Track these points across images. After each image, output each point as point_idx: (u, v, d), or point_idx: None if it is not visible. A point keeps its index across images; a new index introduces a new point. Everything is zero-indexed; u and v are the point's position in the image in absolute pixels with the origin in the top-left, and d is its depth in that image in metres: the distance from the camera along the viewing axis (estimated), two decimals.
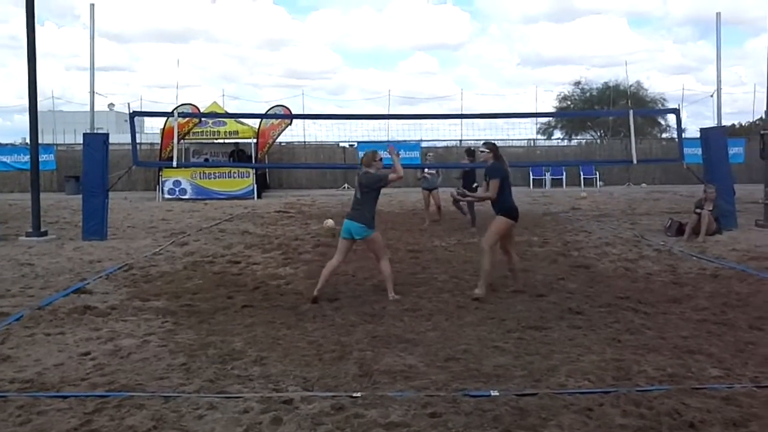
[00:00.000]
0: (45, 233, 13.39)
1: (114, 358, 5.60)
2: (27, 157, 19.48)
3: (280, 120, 26.15)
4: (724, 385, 4.84)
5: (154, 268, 9.90)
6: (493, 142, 8.32)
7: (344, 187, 29.22)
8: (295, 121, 30.51)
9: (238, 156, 27.05)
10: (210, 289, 8.35)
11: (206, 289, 8.39)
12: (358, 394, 4.66)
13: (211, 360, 5.52)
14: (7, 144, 33.06)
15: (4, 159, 29.00)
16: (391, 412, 4.35)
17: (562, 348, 5.79)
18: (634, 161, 14.92)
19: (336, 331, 6.38)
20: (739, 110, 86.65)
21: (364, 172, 7.88)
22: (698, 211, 12.72)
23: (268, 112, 24.63)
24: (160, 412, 4.38)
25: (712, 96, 21.38)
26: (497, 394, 4.66)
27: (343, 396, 4.65)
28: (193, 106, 25.54)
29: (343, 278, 9.01)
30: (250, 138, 25.91)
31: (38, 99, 13.97)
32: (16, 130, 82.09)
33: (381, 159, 8.06)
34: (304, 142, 31.87)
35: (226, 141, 27.14)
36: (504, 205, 7.94)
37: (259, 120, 25.36)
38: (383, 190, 8.08)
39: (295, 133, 32.77)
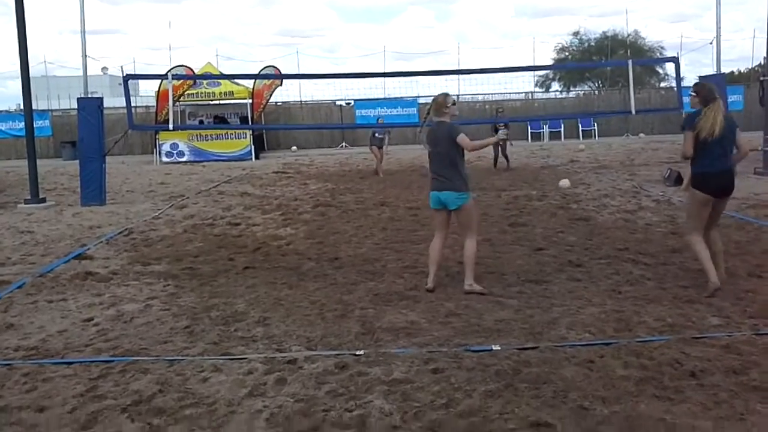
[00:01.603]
0: (43, 200, 13.37)
1: (117, 323, 5.63)
2: (22, 124, 19.34)
3: (271, 80, 25.95)
4: (723, 333, 4.88)
5: (154, 232, 9.90)
6: (703, 83, 6.41)
7: (342, 146, 29.09)
8: (291, 80, 30.30)
9: (220, 120, 26.95)
10: (211, 252, 8.36)
11: (207, 251, 8.40)
12: (361, 352, 4.69)
13: (214, 322, 5.55)
14: (1, 111, 32.82)
15: None
16: (394, 369, 4.39)
17: (563, 301, 5.82)
18: (633, 112, 14.83)
19: (337, 290, 6.41)
20: (738, 57, 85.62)
21: (437, 123, 6.27)
22: None
23: (261, 73, 24.41)
24: (165, 375, 4.42)
25: (711, 43, 21.09)
26: (498, 348, 4.69)
27: (346, 354, 4.68)
28: (187, 67, 25.25)
29: (344, 237, 9.01)
30: (245, 98, 25.71)
31: (31, 64, 13.84)
32: (10, 96, 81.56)
33: (455, 103, 6.40)
34: (301, 101, 31.60)
35: (222, 102, 26.91)
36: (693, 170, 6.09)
37: (253, 80, 25.12)
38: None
39: (291, 92, 32.54)
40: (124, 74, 14.03)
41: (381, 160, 17.50)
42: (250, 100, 25.44)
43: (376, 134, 17.64)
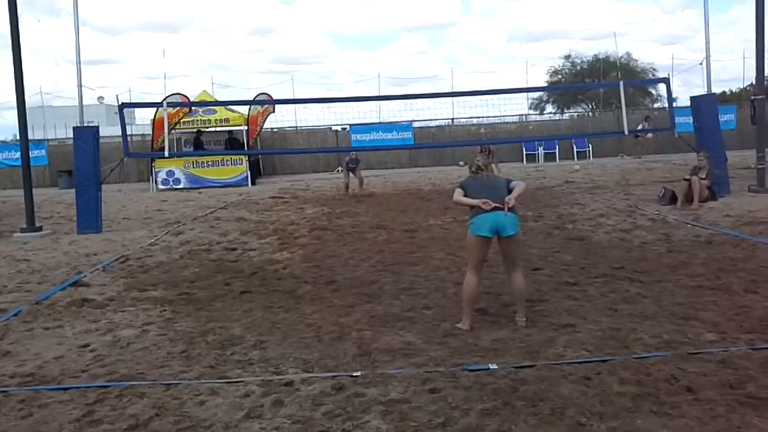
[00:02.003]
0: (39, 228, 13.35)
1: (113, 348, 5.63)
2: (18, 154, 19.39)
3: (265, 107, 26.10)
4: (719, 348, 4.89)
5: (151, 258, 9.90)
6: None
7: (338, 170, 29.17)
8: (286, 106, 30.45)
9: (231, 144, 26.91)
10: (207, 277, 8.36)
11: (203, 276, 8.40)
12: (358, 373, 4.69)
13: (211, 346, 5.55)
14: None
15: None
16: (391, 389, 4.39)
17: (559, 319, 5.84)
18: (626, 132, 14.94)
19: (334, 313, 6.41)
20: (730, 77, 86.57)
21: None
22: (686, 178, 12.77)
23: (254, 99, 24.58)
24: (162, 399, 4.41)
25: (701, 64, 21.35)
26: (496, 367, 4.70)
27: (343, 376, 4.68)
28: (183, 95, 25.37)
29: (340, 260, 9.03)
30: (241, 125, 25.82)
31: (27, 95, 13.90)
32: (7, 126, 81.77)
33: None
34: (296, 127, 31.71)
35: (218, 129, 27.00)
36: None
37: (248, 107, 25.26)
38: (378, 172, 7.78)
39: (286, 118, 32.65)
40: (120, 103, 14.11)
41: (360, 183, 18.41)
42: (246, 127, 25.55)
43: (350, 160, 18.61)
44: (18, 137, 15.19)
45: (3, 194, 23.58)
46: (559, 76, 45.39)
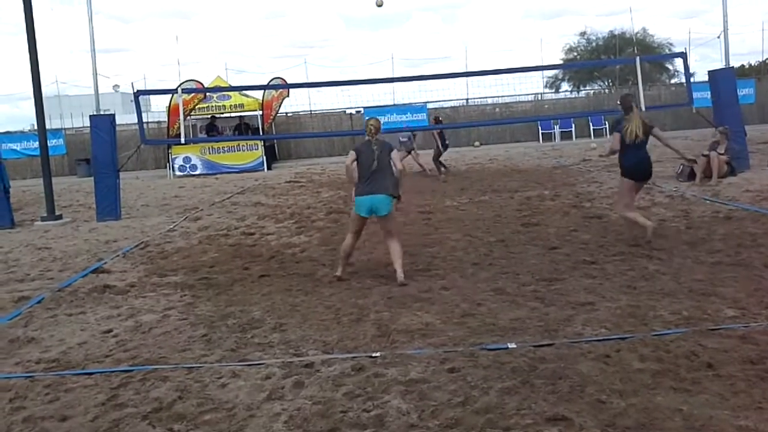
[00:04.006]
0: (60, 217, 13.50)
1: (136, 333, 5.70)
2: (36, 143, 19.55)
3: (279, 91, 26.07)
4: (740, 324, 4.87)
5: (170, 244, 9.98)
6: (626, 94, 8.15)
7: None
8: (300, 90, 30.37)
9: (241, 129, 26.93)
10: (226, 262, 8.43)
11: (222, 261, 8.47)
12: (377, 354, 4.72)
13: (231, 330, 5.60)
14: (15, 131, 33.17)
15: (14, 146, 29.07)
16: (411, 369, 4.42)
17: (578, 298, 5.83)
18: (643, 108, 14.75)
19: (352, 295, 6.45)
20: (749, 50, 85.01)
21: (379, 140, 6.97)
22: (705, 153, 12.65)
23: (269, 84, 24.55)
24: (184, 382, 4.47)
25: (719, 37, 21.01)
26: (515, 346, 4.71)
27: (363, 356, 4.72)
28: (197, 81, 25.46)
29: (358, 243, 9.04)
30: (255, 110, 25.85)
31: (43, 84, 14.02)
32: (24, 116, 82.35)
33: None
34: (310, 111, 31.71)
35: (232, 115, 27.04)
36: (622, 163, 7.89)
37: (262, 92, 25.27)
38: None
39: (300, 102, 32.65)
40: (135, 90, 14.17)
41: (418, 162, 17.98)
42: (261, 112, 25.58)
43: (402, 139, 17.98)
44: (36, 127, 15.30)
45: (23, 184, 23.82)
46: (575, 54, 45.03)
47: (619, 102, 7.99)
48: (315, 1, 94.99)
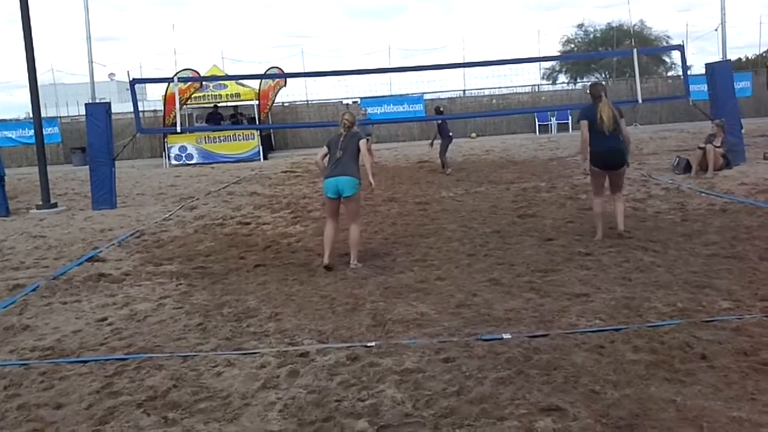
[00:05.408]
0: (55, 205, 13.47)
1: (131, 322, 5.70)
2: (32, 132, 19.46)
3: (276, 81, 25.99)
4: (734, 316, 4.88)
5: (165, 233, 9.97)
6: (596, 83, 7.98)
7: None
8: (296, 80, 30.24)
9: (238, 119, 26.82)
10: (222, 251, 8.42)
11: (218, 250, 8.46)
12: (373, 344, 4.73)
13: (227, 319, 5.61)
14: (11, 119, 33.02)
15: (9, 134, 28.93)
16: (406, 359, 4.43)
17: (573, 289, 5.84)
18: (639, 100, 14.76)
19: (348, 285, 6.45)
20: (746, 44, 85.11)
21: (351, 132, 7.45)
22: (701, 146, 12.67)
23: (265, 73, 24.46)
24: (179, 371, 4.48)
25: (716, 30, 21.02)
26: (509, 336, 4.72)
27: (358, 346, 4.73)
28: (193, 70, 25.31)
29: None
30: (251, 100, 25.76)
31: (38, 72, 13.95)
32: (19, 104, 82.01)
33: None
34: (307, 101, 31.63)
35: (229, 104, 26.94)
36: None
37: (259, 81, 25.18)
38: (390, 145, 7.79)
39: (297, 92, 32.59)
40: (131, 79, 14.10)
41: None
42: (257, 101, 25.50)
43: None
44: (31, 115, 15.23)
45: (18, 172, 23.74)
46: (572, 45, 44.98)
47: (588, 91, 7.95)
48: None
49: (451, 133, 16.72)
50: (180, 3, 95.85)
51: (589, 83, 8.19)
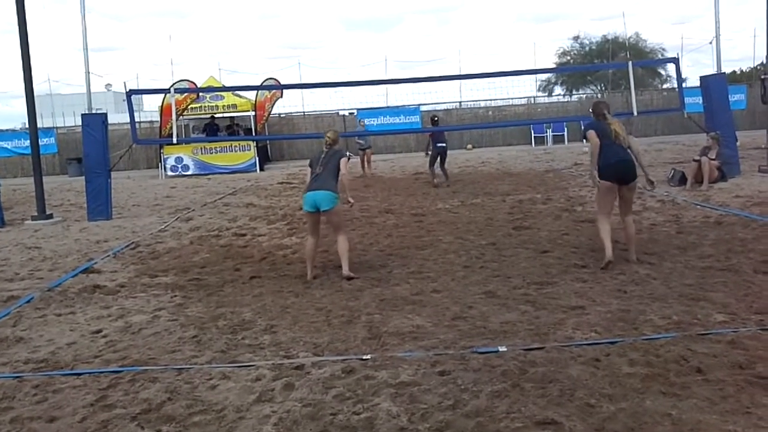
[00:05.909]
0: (50, 216, 13.44)
1: (125, 334, 5.67)
2: (28, 142, 19.45)
3: (273, 92, 26.04)
4: (729, 329, 4.89)
5: (161, 244, 9.95)
6: (598, 101, 7.75)
7: (347, 156, 29.15)
8: (293, 91, 30.33)
9: (234, 130, 26.82)
10: (217, 262, 8.41)
11: (213, 262, 8.45)
12: (368, 356, 4.72)
13: (222, 331, 5.59)
14: (6, 129, 32.96)
15: (5, 145, 28.92)
16: (401, 372, 4.41)
17: (568, 302, 5.84)
18: (635, 113, 14.84)
19: (344, 297, 6.44)
20: (741, 56, 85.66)
21: (333, 149, 7.68)
22: (696, 158, 12.72)
23: (262, 85, 24.51)
24: (174, 384, 4.46)
25: (711, 43, 21.12)
26: (505, 349, 4.71)
27: (353, 359, 4.71)
28: (190, 81, 25.38)
29: (349, 245, 9.02)
30: (248, 111, 25.81)
31: (35, 82, 13.94)
32: (15, 115, 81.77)
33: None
34: (303, 112, 31.69)
35: (225, 115, 26.97)
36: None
37: (255, 93, 25.22)
38: (386, 156, 7.88)
39: (293, 103, 32.61)
40: (127, 90, 14.11)
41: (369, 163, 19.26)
42: (254, 113, 25.53)
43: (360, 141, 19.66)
44: (27, 125, 15.23)
45: (13, 182, 23.70)
46: (568, 58, 45.13)
47: (591, 109, 7.61)
48: (309, 3, 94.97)
49: (441, 143, 15.99)
50: (177, 14, 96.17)
51: (592, 101, 8.63)
